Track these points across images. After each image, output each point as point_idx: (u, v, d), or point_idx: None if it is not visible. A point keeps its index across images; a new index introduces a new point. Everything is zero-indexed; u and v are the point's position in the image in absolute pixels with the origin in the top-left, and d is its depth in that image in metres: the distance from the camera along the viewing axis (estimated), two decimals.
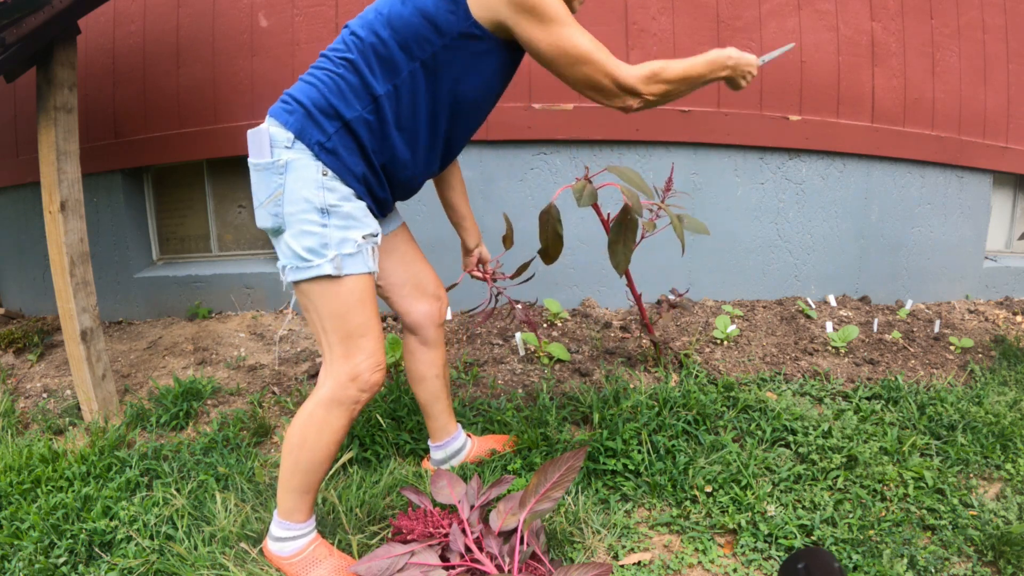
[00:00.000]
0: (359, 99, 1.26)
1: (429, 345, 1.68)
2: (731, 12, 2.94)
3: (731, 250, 3.08)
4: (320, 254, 1.26)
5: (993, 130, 3.43)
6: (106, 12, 3.13)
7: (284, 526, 1.42)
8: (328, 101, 1.26)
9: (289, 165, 1.26)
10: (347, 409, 1.34)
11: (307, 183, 1.25)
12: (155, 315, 3.32)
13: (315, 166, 1.26)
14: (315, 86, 1.28)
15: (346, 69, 1.27)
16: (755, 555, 1.50)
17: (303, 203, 1.26)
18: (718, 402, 2.07)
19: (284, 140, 1.26)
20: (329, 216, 1.26)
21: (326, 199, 1.26)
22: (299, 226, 1.26)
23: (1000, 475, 1.83)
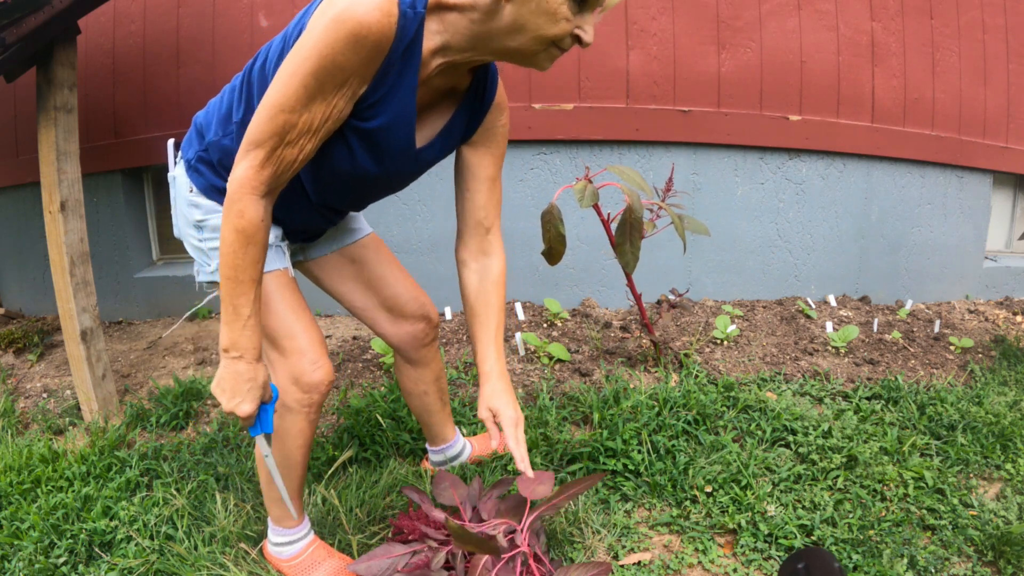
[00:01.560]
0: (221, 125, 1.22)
1: (415, 363, 1.59)
2: (731, 12, 2.94)
3: (731, 250, 3.08)
4: (205, 263, 1.30)
5: (993, 130, 3.43)
6: (106, 12, 3.13)
7: (278, 532, 1.42)
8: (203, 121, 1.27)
9: (175, 180, 1.31)
10: (299, 413, 1.26)
11: (182, 199, 1.29)
12: (155, 315, 3.32)
13: (186, 183, 1.28)
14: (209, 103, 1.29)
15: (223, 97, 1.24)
16: (755, 555, 1.50)
17: (183, 217, 1.31)
18: (718, 402, 2.07)
19: (176, 155, 1.34)
20: (201, 231, 1.29)
21: (193, 215, 1.28)
22: (186, 239, 1.33)
23: (1000, 475, 1.83)
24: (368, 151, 1.14)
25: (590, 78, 2.85)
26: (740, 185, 3.04)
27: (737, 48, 2.96)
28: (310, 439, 1.32)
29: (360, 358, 2.58)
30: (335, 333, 2.87)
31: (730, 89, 2.95)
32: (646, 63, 2.90)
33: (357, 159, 1.14)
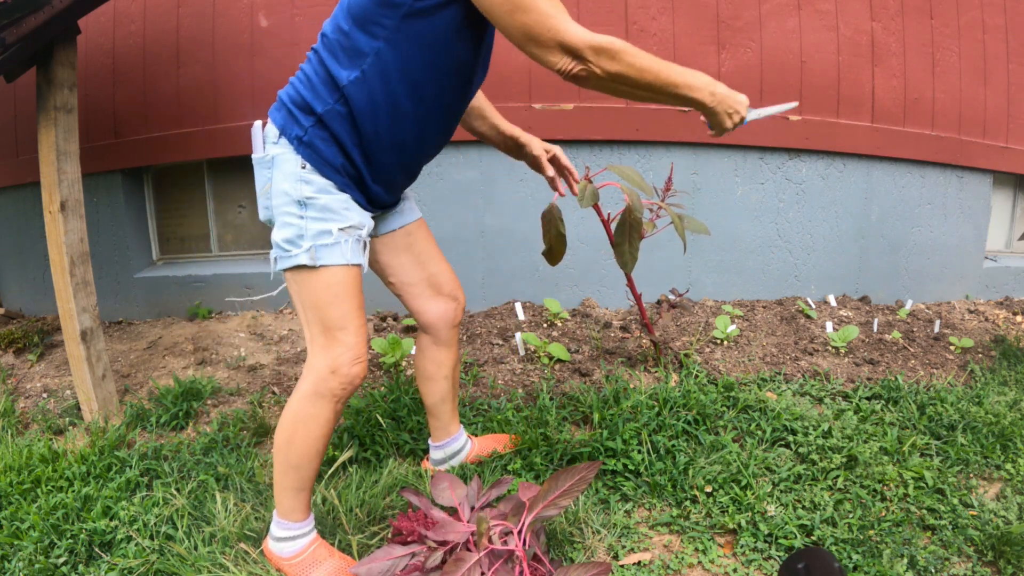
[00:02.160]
0: (329, 92, 1.27)
1: (441, 345, 1.66)
2: (731, 12, 2.94)
3: (731, 250, 3.08)
4: (297, 244, 1.29)
5: (993, 130, 3.43)
6: (106, 12, 3.13)
7: (284, 526, 1.43)
8: (302, 97, 1.29)
9: (275, 160, 1.30)
10: (329, 403, 1.34)
11: (287, 176, 1.29)
12: (155, 315, 3.32)
13: (295, 160, 1.28)
14: (293, 84, 1.32)
15: (314, 65, 1.29)
16: (755, 555, 1.50)
17: (284, 196, 1.29)
18: (718, 402, 2.07)
19: (272, 136, 1.31)
20: (306, 208, 1.29)
21: (302, 192, 1.28)
22: (282, 218, 1.31)
23: (1000, 475, 1.83)
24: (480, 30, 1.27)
25: None
26: (740, 185, 3.04)
27: (737, 48, 2.96)
28: (331, 431, 1.38)
29: None
30: None
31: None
32: None
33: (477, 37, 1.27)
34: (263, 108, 3.01)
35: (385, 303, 3.09)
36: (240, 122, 3.04)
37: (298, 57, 2.94)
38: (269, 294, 1.47)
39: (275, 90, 3.19)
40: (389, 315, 3.02)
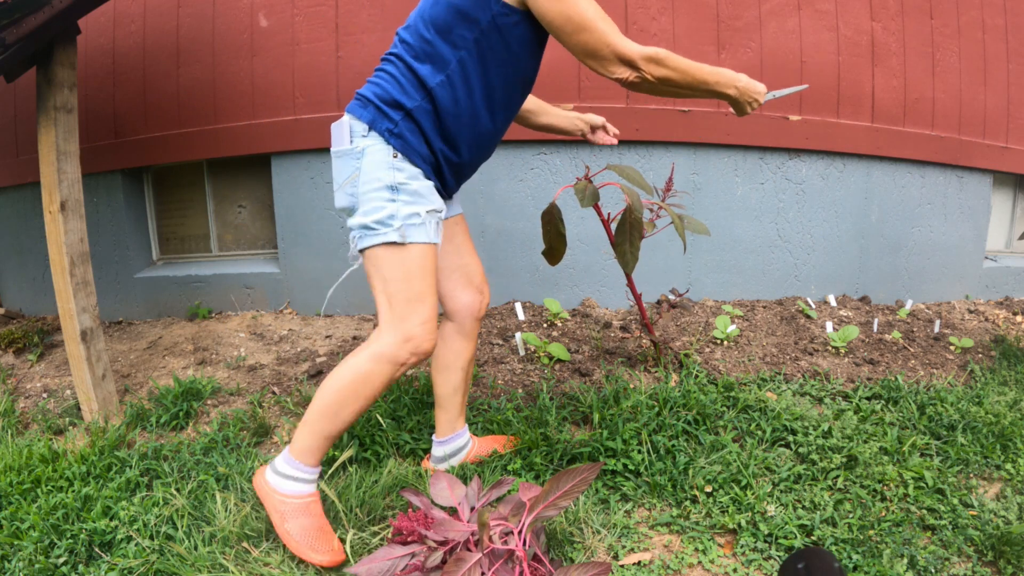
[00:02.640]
0: (417, 91, 1.42)
1: (463, 335, 1.73)
2: (731, 12, 2.94)
3: (731, 250, 3.08)
4: (388, 224, 1.40)
5: (993, 130, 3.43)
6: (106, 12, 3.13)
7: (294, 464, 1.49)
8: (390, 95, 1.42)
9: (365, 151, 1.42)
10: (393, 368, 1.43)
11: (379, 165, 1.41)
12: (155, 315, 3.32)
13: (386, 149, 1.41)
14: (380, 85, 1.44)
15: (400, 68, 1.43)
16: (755, 555, 1.50)
17: (375, 181, 1.41)
18: (718, 402, 2.07)
19: (360, 130, 1.43)
20: (398, 192, 1.41)
21: (395, 177, 1.41)
22: (371, 202, 1.41)
23: (1000, 475, 1.83)
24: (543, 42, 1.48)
25: (590, 78, 2.85)
26: (740, 185, 3.04)
27: (737, 48, 2.96)
28: (379, 395, 1.48)
29: None
30: (335, 333, 2.87)
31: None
32: None
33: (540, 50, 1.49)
34: (263, 108, 3.01)
35: None
36: (240, 122, 3.05)
37: (298, 57, 2.96)
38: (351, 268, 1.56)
39: (275, 90, 3.20)
40: None
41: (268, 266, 3.22)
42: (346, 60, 2.92)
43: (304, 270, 3.12)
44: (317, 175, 3.01)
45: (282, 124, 2.99)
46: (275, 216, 3.12)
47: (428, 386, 2.19)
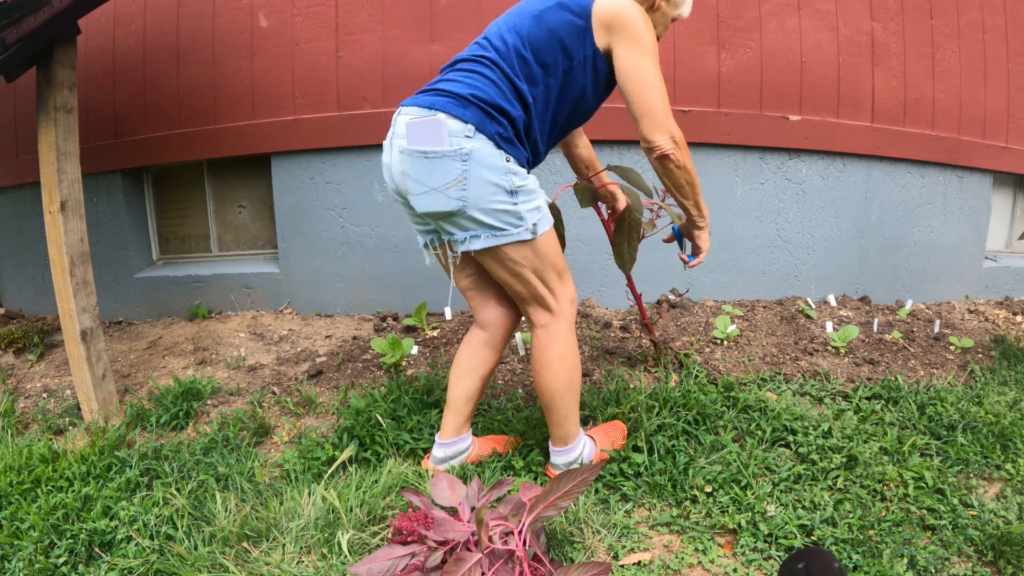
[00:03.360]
0: (519, 102, 1.49)
1: (492, 347, 1.75)
2: (731, 12, 2.94)
3: (731, 250, 3.08)
4: (517, 224, 1.47)
5: (993, 130, 3.43)
6: (106, 12, 3.13)
7: (573, 447, 1.70)
8: (496, 101, 1.45)
9: (472, 154, 1.42)
10: (573, 327, 1.64)
11: (495, 169, 1.44)
12: (155, 315, 3.32)
13: (499, 154, 1.45)
14: (479, 87, 1.46)
15: (499, 76, 1.48)
16: (755, 555, 1.50)
17: (491, 187, 1.44)
18: (718, 402, 2.07)
19: (464, 131, 1.42)
20: (517, 195, 1.47)
21: (513, 182, 1.46)
22: (489, 205, 1.45)
23: (1000, 475, 1.83)
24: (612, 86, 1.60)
25: None
26: (740, 185, 3.04)
27: (737, 48, 2.96)
28: None
29: (360, 358, 2.58)
30: (335, 333, 2.87)
31: (730, 89, 2.95)
32: None
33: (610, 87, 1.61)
34: (263, 108, 3.01)
35: (385, 303, 3.09)
36: (240, 122, 3.05)
37: (298, 57, 2.96)
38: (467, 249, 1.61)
39: (275, 90, 3.20)
40: (389, 315, 3.02)
41: (268, 266, 3.22)
42: (346, 60, 2.92)
43: (304, 270, 3.12)
44: (317, 175, 3.01)
45: (282, 124, 2.99)
46: (275, 216, 3.12)
47: (428, 386, 2.19)
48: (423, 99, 1.49)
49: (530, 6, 1.53)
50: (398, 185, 1.53)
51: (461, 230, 1.49)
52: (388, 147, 1.55)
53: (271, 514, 1.59)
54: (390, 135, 1.54)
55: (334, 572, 1.43)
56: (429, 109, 1.45)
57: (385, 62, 2.90)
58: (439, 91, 1.49)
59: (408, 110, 1.50)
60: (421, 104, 1.47)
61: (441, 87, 1.50)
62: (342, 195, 3.01)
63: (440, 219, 1.50)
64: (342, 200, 3.01)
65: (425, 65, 2.88)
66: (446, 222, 1.50)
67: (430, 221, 1.56)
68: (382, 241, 3.01)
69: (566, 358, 1.62)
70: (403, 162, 1.48)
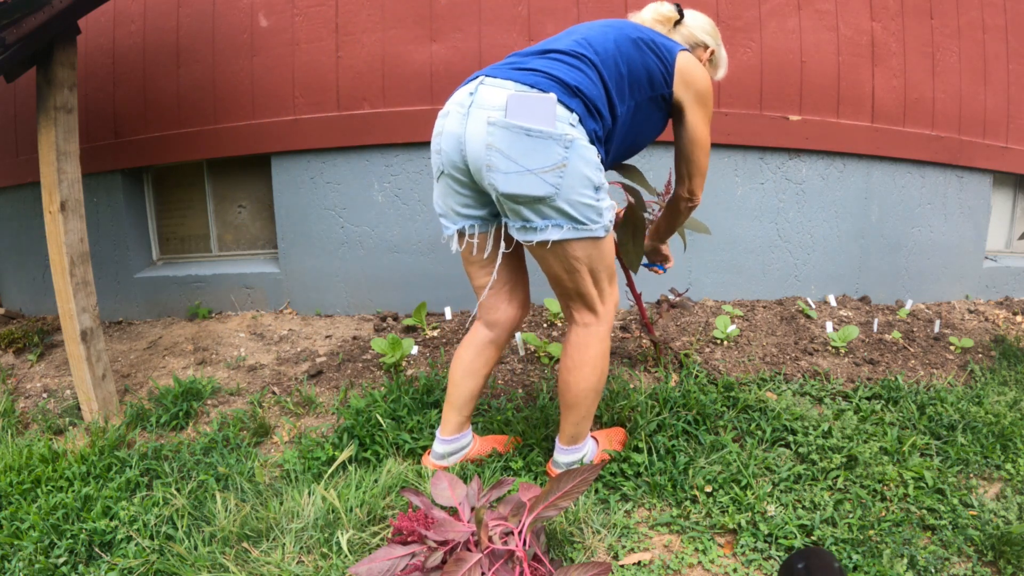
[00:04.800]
0: (609, 110, 1.51)
1: (496, 345, 1.76)
2: (731, 12, 2.94)
3: (731, 250, 3.08)
4: (595, 220, 1.47)
5: (993, 130, 3.43)
6: (106, 12, 3.13)
7: (575, 450, 1.71)
8: (595, 103, 1.46)
9: (575, 143, 1.39)
10: (611, 333, 1.67)
11: (590, 164, 1.43)
12: (155, 315, 3.32)
13: (594, 149, 1.45)
14: (583, 84, 1.44)
15: (598, 82, 1.48)
16: (755, 555, 1.50)
17: (584, 180, 1.42)
18: (718, 402, 2.07)
19: (569, 119, 1.40)
20: (600, 192, 1.47)
21: (600, 178, 1.47)
22: (578, 197, 1.42)
23: (1000, 475, 1.83)
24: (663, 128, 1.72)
25: None
26: (740, 185, 3.04)
27: (737, 48, 2.96)
28: None
29: (360, 358, 2.58)
30: (335, 333, 2.87)
31: (730, 89, 2.95)
32: None
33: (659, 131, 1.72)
34: (263, 108, 3.01)
35: (385, 303, 3.09)
36: (240, 122, 3.05)
37: (298, 57, 2.96)
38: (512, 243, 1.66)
39: (275, 90, 3.19)
40: (389, 315, 3.02)
41: (268, 266, 3.22)
42: (346, 60, 2.92)
43: (304, 270, 3.12)
44: (317, 175, 3.01)
45: (282, 124, 2.99)
46: (275, 216, 3.12)
47: (428, 386, 2.19)
48: (521, 75, 1.40)
49: (626, 28, 1.56)
50: (472, 158, 1.41)
51: (542, 218, 1.42)
52: (462, 115, 1.42)
53: (271, 514, 1.59)
54: (465, 103, 1.43)
55: (334, 572, 1.43)
56: (531, 87, 1.38)
57: (385, 62, 2.90)
58: (540, 72, 1.41)
59: (501, 83, 1.40)
60: (521, 80, 1.39)
61: (542, 68, 1.42)
62: (342, 195, 3.01)
63: (523, 203, 1.40)
64: (342, 200, 3.01)
65: (425, 65, 2.88)
66: (528, 207, 1.41)
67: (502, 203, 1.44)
68: (382, 241, 3.01)
69: (599, 361, 1.63)
70: (492, 135, 1.36)
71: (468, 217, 1.56)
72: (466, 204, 1.54)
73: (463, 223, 1.57)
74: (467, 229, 1.58)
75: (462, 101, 1.44)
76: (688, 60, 1.58)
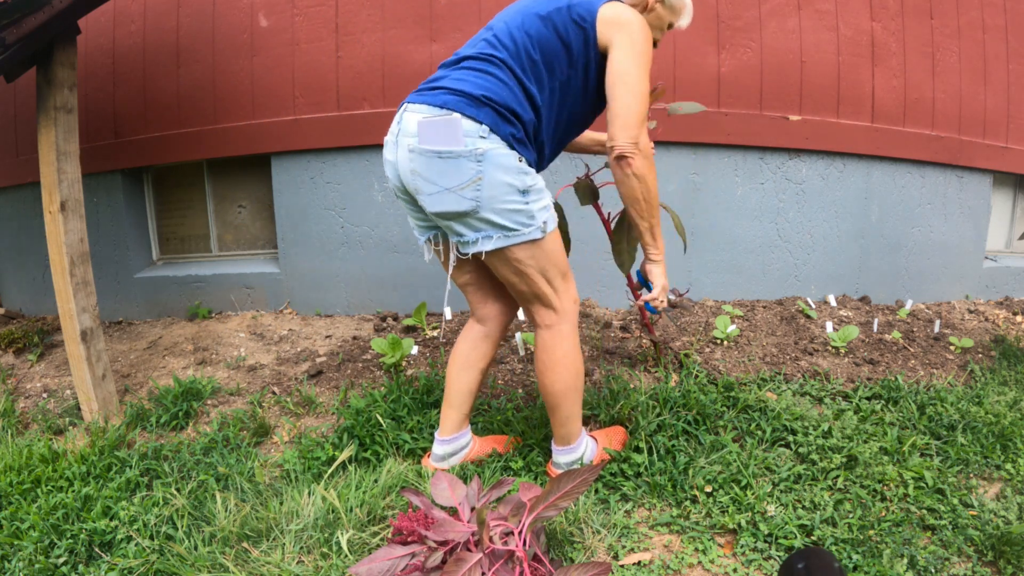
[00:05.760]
0: (529, 104, 1.49)
1: (490, 340, 1.76)
2: (731, 12, 2.94)
3: (731, 250, 3.08)
4: (528, 224, 1.48)
5: (993, 130, 3.43)
6: (106, 12, 3.13)
7: (576, 447, 1.71)
8: (507, 103, 1.45)
9: (488, 154, 1.41)
10: (577, 328, 1.65)
11: (509, 170, 1.44)
12: (155, 315, 3.32)
13: (512, 155, 1.45)
14: (490, 89, 1.45)
15: (509, 77, 1.47)
16: (755, 555, 1.50)
17: (505, 187, 1.44)
18: (718, 402, 2.07)
19: (478, 131, 1.42)
20: (528, 194, 1.47)
21: (524, 181, 1.46)
22: (502, 205, 1.45)
23: (1000, 475, 1.83)
24: None
25: None
26: (740, 185, 3.04)
27: (737, 48, 2.96)
28: None
29: (360, 358, 2.58)
30: (335, 333, 2.87)
31: (730, 89, 2.95)
32: None
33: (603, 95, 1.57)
34: (263, 108, 3.01)
35: (385, 303, 3.09)
36: (240, 122, 3.05)
37: (298, 57, 2.96)
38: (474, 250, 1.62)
39: (275, 90, 3.19)
40: (389, 315, 3.02)
41: (268, 266, 3.22)
42: (346, 60, 2.92)
43: (304, 270, 3.12)
44: (317, 175, 3.01)
45: (282, 124, 2.99)
46: (275, 216, 3.12)
47: (428, 386, 2.19)
48: (432, 97, 1.46)
49: (537, 6, 1.51)
50: (406, 183, 1.50)
51: (472, 231, 1.47)
52: (393, 144, 1.52)
53: (271, 514, 1.59)
54: (395, 132, 1.51)
55: (334, 572, 1.43)
56: (441, 108, 1.43)
57: (385, 62, 2.90)
58: (449, 89, 1.45)
59: (417, 107, 1.47)
60: (431, 102, 1.44)
61: (450, 85, 1.46)
62: (342, 195, 3.01)
63: (451, 219, 1.47)
64: (342, 200, 3.01)
65: (425, 65, 2.88)
66: (457, 222, 1.47)
67: (436, 221, 1.52)
68: (382, 241, 3.01)
69: (570, 359, 1.62)
70: (413, 161, 1.45)
71: (428, 229, 1.64)
72: (421, 219, 1.62)
73: (425, 234, 1.65)
74: (432, 239, 1.65)
75: (392, 130, 1.53)
76: (612, 8, 1.49)
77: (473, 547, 1.31)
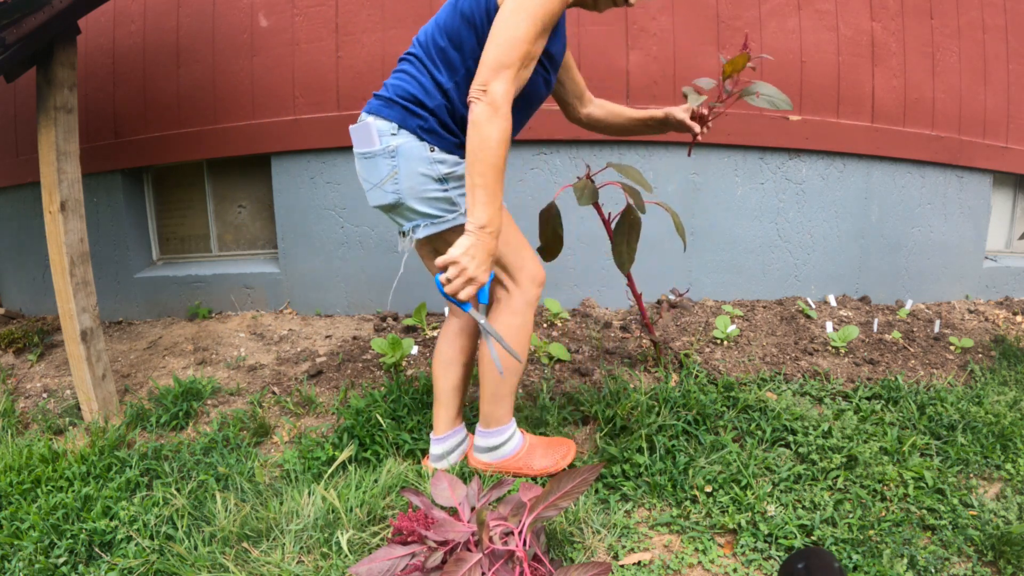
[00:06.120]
0: (437, 92, 1.50)
1: (466, 333, 1.76)
2: (731, 12, 2.94)
3: (731, 250, 3.08)
4: (451, 210, 1.53)
5: (993, 130, 3.43)
6: (106, 12, 3.13)
7: (498, 432, 1.70)
8: (412, 94, 1.50)
9: (399, 149, 1.49)
10: (533, 309, 1.65)
11: (420, 160, 1.49)
12: (155, 315, 3.32)
13: (422, 146, 1.49)
14: (400, 85, 1.52)
15: (418, 69, 1.52)
16: (755, 555, 1.50)
17: (421, 177, 1.50)
18: (718, 402, 2.07)
19: (389, 129, 1.50)
20: (447, 182, 1.51)
21: (439, 170, 1.50)
22: (423, 195, 1.51)
23: (1000, 475, 1.83)
24: (551, 69, 1.57)
25: (590, 78, 2.85)
26: (740, 185, 3.04)
27: (737, 48, 2.96)
28: None
29: (360, 358, 2.58)
30: (335, 333, 2.87)
31: None
32: (646, 63, 2.90)
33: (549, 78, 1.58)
34: (263, 108, 3.01)
35: (384, 303, 3.09)
36: (240, 122, 3.05)
37: (298, 57, 2.96)
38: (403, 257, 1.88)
39: (275, 90, 3.19)
40: (389, 315, 3.02)
41: (268, 266, 3.22)
42: (346, 60, 2.92)
43: (304, 270, 3.12)
44: (317, 175, 3.01)
45: (282, 124, 2.99)
46: (275, 216, 3.12)
47: (428, 386, 2.19)
48: (367, 106, 1.58)
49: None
50: None
51: (407, 220, 1.57)
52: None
53: (271, 514, 1.59)
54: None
55: (334, 572, 1.43)
56: (366, 114, 1.55)
57: (385, 62, 2.90)
58: (375, 96, 1.57)
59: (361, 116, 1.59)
60: (365, 110, 1.57)
61: (378, 93, 1.57)
62: (342, 195, 3.01)
63: (387, 212, 1.58)
64: (342, 200, 3.01)
65: None
66: (393, 214, 1.58)
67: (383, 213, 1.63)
68: (382, 241, 3.01)
69: (513, 331, 1.62)
70: (358, 163, 1.58)
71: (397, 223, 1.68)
72: None
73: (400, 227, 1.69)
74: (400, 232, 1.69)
75: None
76: None
77: (473, 547, 1.31)
